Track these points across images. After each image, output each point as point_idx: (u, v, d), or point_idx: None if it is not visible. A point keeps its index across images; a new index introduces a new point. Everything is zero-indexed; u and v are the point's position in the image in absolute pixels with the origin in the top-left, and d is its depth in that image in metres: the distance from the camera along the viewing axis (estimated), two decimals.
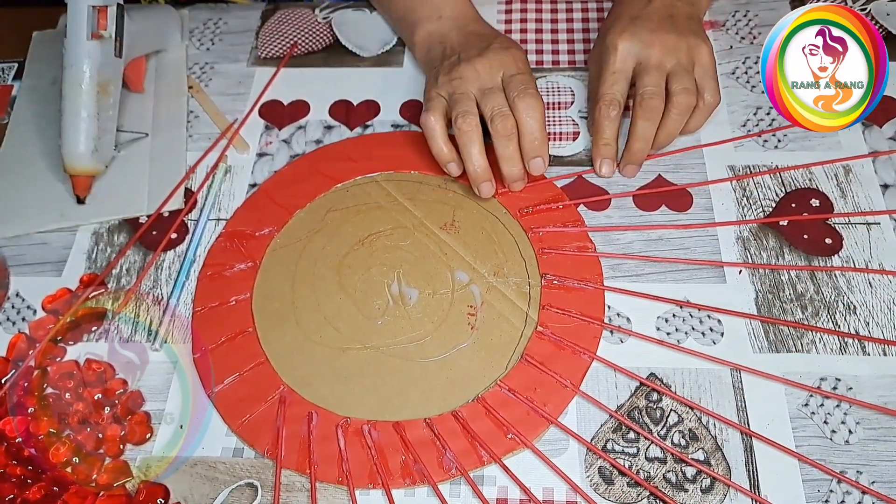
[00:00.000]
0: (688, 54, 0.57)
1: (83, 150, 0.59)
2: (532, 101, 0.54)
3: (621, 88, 0.58)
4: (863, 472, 0.46)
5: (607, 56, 0.58)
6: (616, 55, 0.57)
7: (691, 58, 0.57)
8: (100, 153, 0.60)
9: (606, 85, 0.58)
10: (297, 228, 0.59)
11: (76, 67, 0.57)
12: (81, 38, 0.57)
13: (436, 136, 0.57)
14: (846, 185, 0.58)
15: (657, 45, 0.56)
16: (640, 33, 0.57)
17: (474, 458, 0.48)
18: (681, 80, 0.56)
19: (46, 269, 0.59)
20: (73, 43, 0.57)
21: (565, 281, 0.54)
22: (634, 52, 0.57)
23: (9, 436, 0.50)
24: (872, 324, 0.51)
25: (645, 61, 0.57)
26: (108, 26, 0.58)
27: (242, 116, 0.67)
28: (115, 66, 0.60)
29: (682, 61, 0.56)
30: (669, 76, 0.56)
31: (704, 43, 0.57)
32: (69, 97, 0.58)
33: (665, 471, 0.47)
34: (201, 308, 0.55)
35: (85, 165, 0.59)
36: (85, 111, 0.58)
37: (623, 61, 0.57)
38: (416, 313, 0.54)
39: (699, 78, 0.57)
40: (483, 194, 0.57)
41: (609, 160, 0.60)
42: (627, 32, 0.57)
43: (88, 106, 0.58)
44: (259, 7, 0.76)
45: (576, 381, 0.50)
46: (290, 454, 0.49)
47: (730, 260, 0.55)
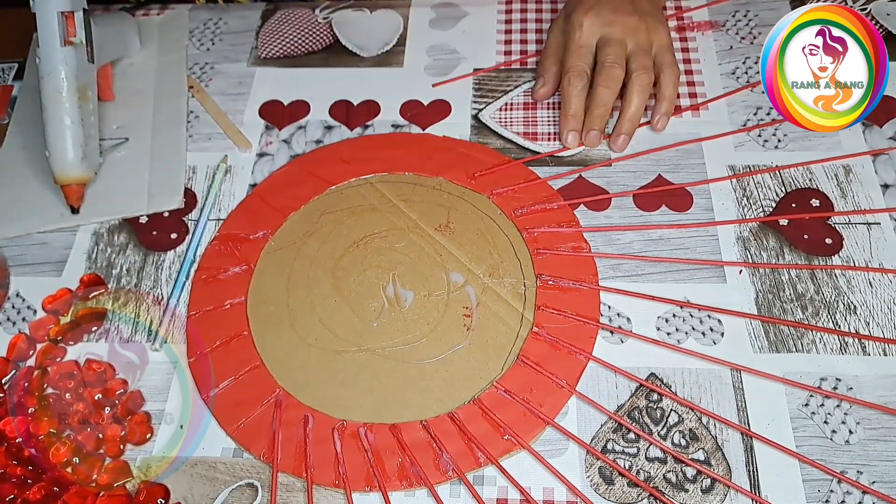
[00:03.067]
0: (646, 35, 0.60)
1: (72, 158, 0.58)
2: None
3: (588, 62, 0.61)
4: (863, 472, 0.46)
5: (572, 32, 0.61)
6: (581, 31, 0.60)
7: (649, 39, 0.61)
8: (88, 160, 0.59)
9: (573, 58, 0.61)
10: (292, 231, 0.59)
11: (54, 75, 0.56)
12: (56, 44, 0.56)
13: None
14: (846, 184, 0.58)
15: (619, 24, 0.60)
16: (604, 13, 0.60)
17: (471, 460, 0.48)
18: (639, 60, 0.59)
19: (47, 270, 0.59)
20: (48, 50, 0.56)
21: (560, 281, 0.54)
22: (597, 29, 0.60)
23: (9, 436, 0.50)
24: (873, 324, 0.51)
25: (607, 36, 0.60)
26: (76, 32, 0.57)
27: (242, 116, 0.67)
28: (90, 72, 0.59)
29: (640, 42, 0.60)
30: (629, 56, 0.60)
31: (662, 25, 0.62)
32: (51, 106, 0.57)
33: (665, 471, 0.47)
34: (196, 312, 0.55)
35: (76, 173, 0.58)
36: (68, 118, 0.57)
37: (588, 37, 0.61)
38: (412, 315, 0.54)
39: (657, 55, 0.61)
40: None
41: (575, 132, 0.61)
42: (592, 11, 0.60)
43: (71, 112, 0.57)
44: (259, 7, 0.75)
45: (572, 382, 0.50)
46: (286, 458, 0.49)
47: (730, 259, 0.55)
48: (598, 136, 0.61)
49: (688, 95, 0.65)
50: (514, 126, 0.64)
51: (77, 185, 0.60)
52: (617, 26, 0.60)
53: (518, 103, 0.66)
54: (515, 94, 0.66)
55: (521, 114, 0.65)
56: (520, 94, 0.66)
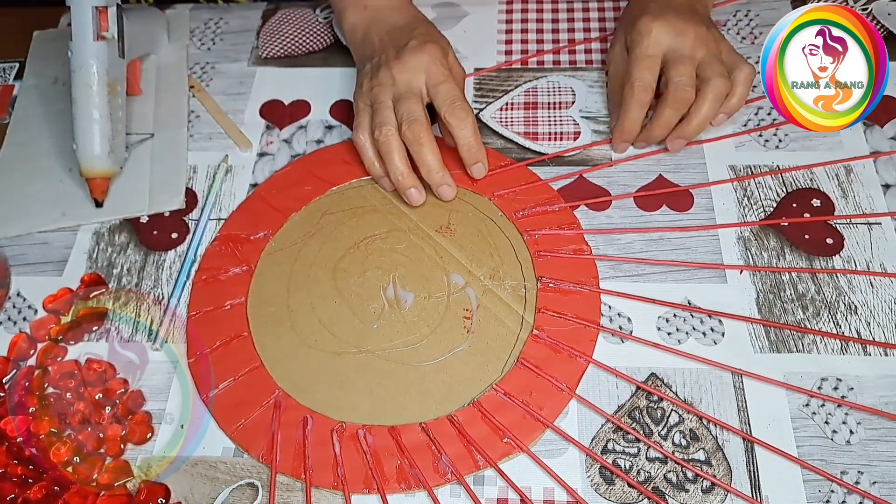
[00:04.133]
0: (716, 45, 0.57)
1: (99, 152, 0.59)
2: (461, 113, 0.56)
3: (655, 73, 0.57)
4: (864, 473, 0.45)
5: (640, 40, 0.57)
6: (650, 39, 0.57)
7: (718, 48, 0.57)
8: (115, 154, 0.60)
9: (640, 68, 0.57)
10: (292, 232, 0.59)
11: (85, 69, 0.57)
12: (88, 39, 0.57)
13: (367, 153, 0.58)
14: (847, 184, 0.58)
15: (690, 34, 0.56)
16: (673, 21, 0.57)
17: (470, 463, 0.48)
18: (715, 67, 0.56)
19: (47, 269, 0.59)
20: (80, 44, 0.57)
21: (561, 284, 0.54)
22: (667, 38, 0.57)
23: (10, 435, 0.50)
24: (874, 324, 0.51)
25: (678, 49, 0.57)
26: (109, 27, 0.58)
27: (243, 116, 0.67)
28: (120, 67, 0.60)
29: (711, 51, 0.57)
30: (702, 64, 0.56)
31: (724, 38, 0.59)
32: (80, 99, 0.58)
33: (666, 471, 0.47)
34: (196, 312, 0.55)
35: (102, 167, 0.59)
36: (97, 112, 0.58)
37: (657, 45, 0.57)
38: (412, 317, 0.54)
39: (727, 59, 0.57)
40: (412, 202, 0.58)
41: (627, 143, 0.61)
42: (661, 19, 0.57)
43: (101, 107, 0.58)
44: (260, 7, 0.76)
45: (572, 385, 0.50)
46: (285, 459, 0.49)
47: (731, 259, 0.55)
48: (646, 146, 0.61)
49: None
50: (515, 126, 0.64)
51: (102, 179, 0.60)
52: (688, 37, 0.56)
53: (519, 103, 0.66)
54: (516, 95, 0.66)
55: (521, 114, 0.65)
56: (520, 94, 0.66)
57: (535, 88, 0.67)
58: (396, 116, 0.56)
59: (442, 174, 0.57)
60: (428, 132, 0.55)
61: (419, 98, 0.57)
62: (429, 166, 0.56)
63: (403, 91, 0.57)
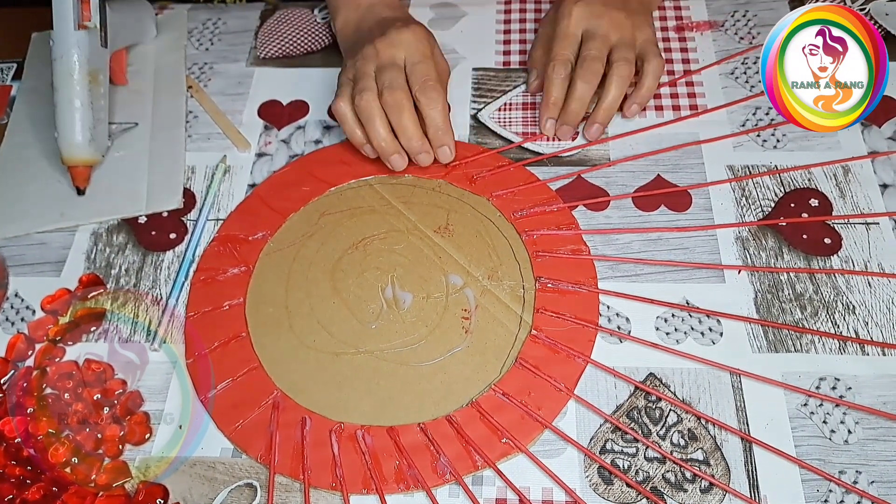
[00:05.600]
0: (631, 31, 0.60)
1: (80, 140, 0.59)
2: (432, 93, 0.56)
3: (573, 51, 0.60)
4: (862, 472, 0.46)
5: (561, 20, 0.61)
6: (570, 20, 0.60)
7: (634, 34, 0.60)
8: (96, 142, 0.60)
9: (559, 46, 0.60)
10: (291, 232, 0.59)
11: (66, 58, 0.58)
12: (69, 28, 0.57)
13: (347, 120, 0.58)
14: (845, 184, 0.58)
15: (606, 17, 0.60)
16: (594, 5, 0.60)
17: (469, 464, 0.48)
18: (621, 52, 0.59)
19: (46, 270, 0.59)
20: (61, 33, 0.57)
21: (559, 284, 0.54)
22: (585, 20, 0.60)
23: (8, 436, 0.50)
24: (872, 323, 0.51)
25: (592, 30, 0.60)
26: (91, 17, 0.58)
27: (242, 116, 0.67)
28: (102, 56, 0.60)
29: (625, 36, 0.60)
30: (613, 49, 0.59)
31: (649, 25, 0.62)
32: (61, 88, 0.58)
33: (664, 471, 0.47)
34: (195, 313, 0.55)
35: (83, 155, 0.60)
36: (78, 100, 0.58)
37: (575, 26, 0.60)
38: (410, 317, 0.54)
39: (641, 48, 0.61)
40: (394, 167, 0.59)
41: (554, 120, 0.62)
42: (583, 2, 0.60)
43: (81, 95, 0.58)
44: (258, 7, 0.76)
45: (570, 385, 0.50)
46: (283, 460, 0.49)
47: (729, 259, 0.55)
48: (570, 131, 0.62)
49: (687, 95, 0.65)
50: (514, 126, 0.64)
51: (84, 167, 0.61)
52: (604, 19, 0.59)
53: (517, 103, 0.66)
54: (514, 94, 0.66)
55: (520, 114, 0.65)
56: (519, 94, 0.66)
57: None
58: (377, 85, 0.56)
59: (421, 142, 0.57)
60: (408, 99, 0.56)
61: (401, 70, 0.57)
62: (408, 133, 0.57)
63: (386, 63, 0.57)
